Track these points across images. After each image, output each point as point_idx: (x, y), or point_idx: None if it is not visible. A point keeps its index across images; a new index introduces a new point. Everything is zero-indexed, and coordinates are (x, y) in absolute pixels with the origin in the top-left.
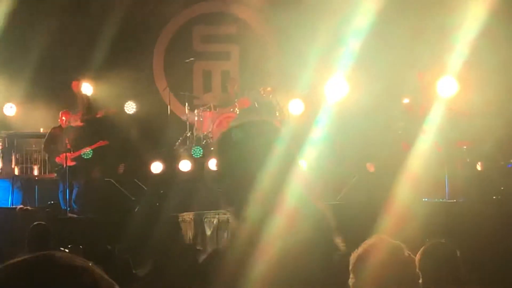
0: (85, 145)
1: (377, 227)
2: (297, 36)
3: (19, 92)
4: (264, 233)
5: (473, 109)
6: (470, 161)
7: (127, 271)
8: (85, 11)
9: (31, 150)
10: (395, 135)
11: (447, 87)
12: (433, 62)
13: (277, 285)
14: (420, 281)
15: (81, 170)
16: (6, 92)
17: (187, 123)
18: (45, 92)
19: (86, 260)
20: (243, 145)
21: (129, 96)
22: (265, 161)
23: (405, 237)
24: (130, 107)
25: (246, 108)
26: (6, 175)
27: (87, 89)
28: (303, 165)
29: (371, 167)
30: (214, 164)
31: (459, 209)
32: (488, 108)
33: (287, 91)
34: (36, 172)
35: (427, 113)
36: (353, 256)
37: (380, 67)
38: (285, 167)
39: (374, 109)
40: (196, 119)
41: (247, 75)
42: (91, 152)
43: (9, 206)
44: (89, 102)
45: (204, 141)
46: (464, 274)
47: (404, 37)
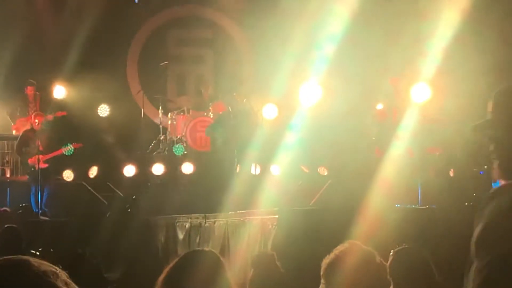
0: (57, 146)
1: (350, 232)
2: (272, 40)
3: None
4: None
5: (445, 115)
6: (443, 167)
7: (97, 275)
8: (59, 14)
9: (3, 152)
10: (368, 140)
11: (420, 93)
12: (407, 68)
13: None
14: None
15: (53, 172)
16: None
17: (161, 126)
18: (17, 94)
19: (54, 266)
20: None
21: (102, 99)
22: None
23: (378, 242)
24: (104, 110)
25: (222, 113)
26: None
27: (59, 91)
28: (277, 170)
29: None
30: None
31: (431, 215)
32: (461, 115)
33: (261, 96)
34: (8, 174)
35: (400, 119)
36: (325, 262)
37: (354, 72)
38: None
39: (347, 114)
40: (170, 122)
41: (221, 79)
42: (72, 149)
43: None
44: (49, 104)
45: (178, 144)
46: (436, 279)
47: (378, 42)
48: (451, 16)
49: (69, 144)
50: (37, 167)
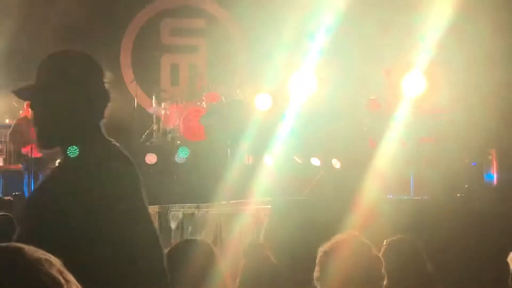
0: None
1: (343, 223)
2: (265, 31)
3: None
4: None
5: (439, 106)
6: (435, 158)
7: None
8: (51, 2)
9: None
10: (361, 131)
11: (413, 85)
12: (400, 58)
13: None
14: (385, 282)
15: (47, 161)
16: None
17: (154, 116)
18: (9, 82)
19: (48, 253)
20: None
21: None
22: None
23: (370, 233)
24: None
25: (214, 103)
26: None
27: None
28: (270, 160)
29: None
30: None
31: (423, 206)
32: (454, 106)
33: (254, 86)
34: (1, 163)
35: (393, 109)
36: (321, 249)
37: (347, 63)
38: None
39: (341, 105)
40: (163, 112)
41: (215, 69)
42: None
43: None
44: None
45: (170, 134)
46: (428, 269)
47: (371, 33)
48: (445, 6)
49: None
50: (30, 156)
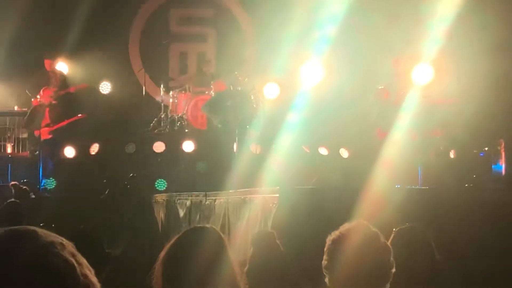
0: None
1: (351, 212)
2: (274, 20)
3: None
4: None
5: (447, 96)
6: (443, 149)
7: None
8: None
9: (5, 128)
10: (370, 121)
11: (422, 74)
12: (409, 48)
13: None
14: (393, 270)
15: (56, 145)
16: None
17: (162, 104)
18: (18, 70)
19: (60, 237)
20: None
21: (104, 76)
22: None
23: (379, 222)
24: (105, 87)
25: (222, 92)
26: None
27: (62, 67)
28: (278, 149)
29: (345, 152)
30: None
31: (432, 196)
32: (462, 96)
33: (263, 75)
34: (9, 150)
35: (402, 100)
36: (330, 238)
37: (355, 53)
38: None
39: (349, 95)
40: (171, 100)
41: (223, 58)
42: None
43: None
44: (64, 79)
45: (179, 122)
46: (437, 257)
47: (380, 23)
48: None
49: None
50: (42, 138)
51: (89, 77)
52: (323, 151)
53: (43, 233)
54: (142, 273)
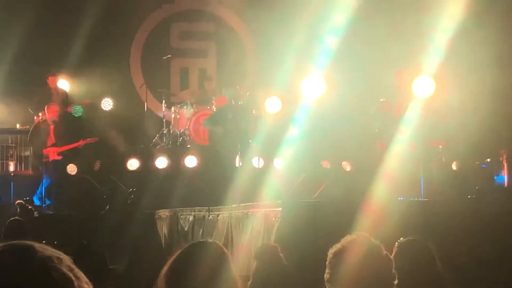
0: (69, 139)
1: (354, 225)
2: (275, 34)
3: None
4: None
5: (448, 108)
6: (446, 160)
7: (103, 266)
8: (62, 6)
9: (7, 146)
10: (371, 134)
11: (423, 87)
12: (410, 61)
13: None
14: (396, 282)
15: (59, 165)
16: None
17: (164, 120)
18: (20, 88)
19: (58, 251)
20: None
21: (106, 93)
22: None
23: (381, 235)
24: (107, 104)
25: (223, 106)
26: None
27: (63, 85)
28: (280, 163)
29: (347, 166)
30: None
31: (434, 208)
32: (464, 108)
33: (264, 89)
34: (12, 168)
35: (403, 112)
36: (331, 251)
37: (357, 66)
38: None
39: (351, 108)
40: (173, 116)
41: (224, 72)
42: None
43: None
44: (67, 96)
45: (181, 138)
46: (440, 270)
47: (381, 36)
48: (454, 9)
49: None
50: (50, 159)
51: (91, 94)
52: (325, 164)
53: (41, 247)
54: None
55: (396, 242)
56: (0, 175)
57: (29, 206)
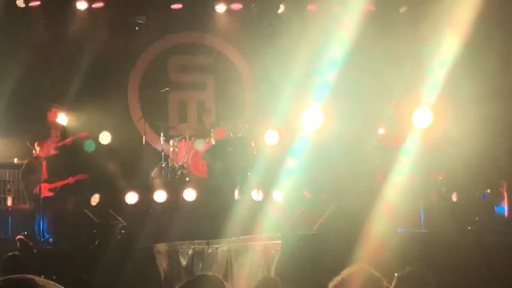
0: (62, 175)
1: (354, 256)
2: (273, 66)
3: None
4: None
5: (447, 140)
6: (445, 192)
7: None
8: (60, 42)
9: (5, 180)
10: (371, 165)
11: (422, 118)
12: (408, 93)
13: None
14: None
15: (56, 200)
16: None
17: (162, 153)
18: (18, 122)
19: (58, 285)
20: None
21: (104, 127)
22: None
23: (381, 266)
24: (105, 138)
25: (222, 139)
26: None
27: (61, 119)
28: (279, 195)
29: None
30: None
31: (434, 239)
32: (463, 139)
33: (263, 122)
34: (9, 202)
35: (402, 143)
36: (331, 284)
37: (355, 97)
38: None
39: (350, 139)
40: (172, 149)
41: (222, 105)
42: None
43: None
44: (65, 130)
45: (180, 171)
46: None
47: (380, 68)
48: (453, 41)
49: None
50: (41, 195)
51: (88, 127)
52: (324, 196)
53: (41, 281)
54: None
55: (396, 273)
56: None
57: (29, 242)
